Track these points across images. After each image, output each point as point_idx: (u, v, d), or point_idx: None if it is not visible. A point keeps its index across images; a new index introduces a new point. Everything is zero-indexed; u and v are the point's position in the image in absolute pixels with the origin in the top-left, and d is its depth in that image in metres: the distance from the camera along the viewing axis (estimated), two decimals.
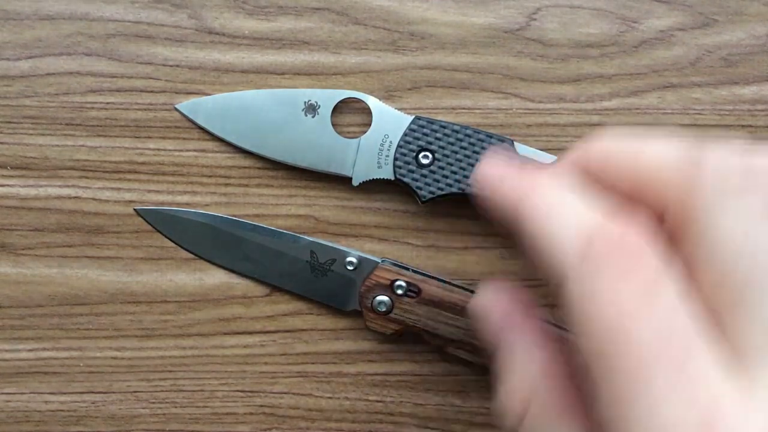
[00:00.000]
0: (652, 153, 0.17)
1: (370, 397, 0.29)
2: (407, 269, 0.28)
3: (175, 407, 0.29)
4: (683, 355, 0.14)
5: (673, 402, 0.14)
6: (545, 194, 0.17)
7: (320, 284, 0.29)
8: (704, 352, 0.14)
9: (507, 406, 0.19)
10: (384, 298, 0.27)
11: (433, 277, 0.28)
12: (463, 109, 0.30)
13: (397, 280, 0.27)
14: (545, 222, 0.17)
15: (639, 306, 0.15)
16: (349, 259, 0.28)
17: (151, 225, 0.29)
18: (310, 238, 0.29)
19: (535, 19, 0.30)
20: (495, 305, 0.21)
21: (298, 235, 0.29)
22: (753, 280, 0.15)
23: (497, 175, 0.19)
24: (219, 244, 0.29)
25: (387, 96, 0.30)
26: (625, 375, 0.14)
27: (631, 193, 0.17)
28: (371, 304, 0.28)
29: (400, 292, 0.27)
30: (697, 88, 0.30)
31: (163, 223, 0.29)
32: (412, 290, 0.27)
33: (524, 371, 0.19)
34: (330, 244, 0.29)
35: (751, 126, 0.30)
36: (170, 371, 0.29)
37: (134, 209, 0.29)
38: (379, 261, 0.28)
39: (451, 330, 0.27)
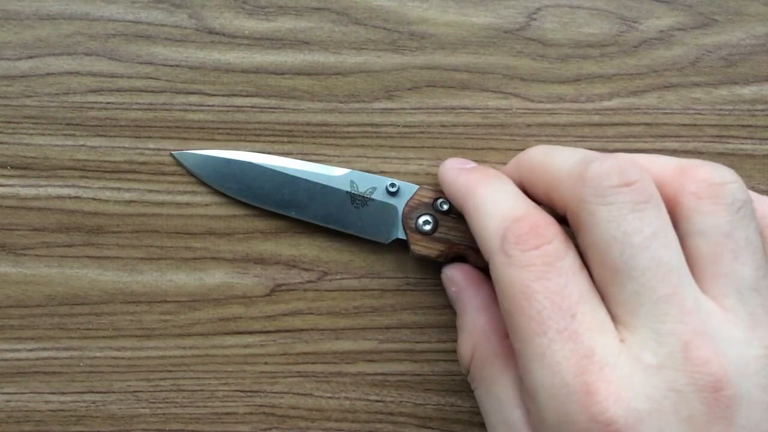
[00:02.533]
0: (554, 166, 0.22)
1: (370, 397, 0.29)
2: None
3: (175, 407, 0.29)
4: (570, 315, 0.19)
5: (560, 345, 0.19)
6: (483, 192, 0.23)
7: (361, 215, 0.28)
8: (587, 313, 0.20)
9: (460, 354, 0.26)
10: (428, 217, 0.27)
11: None
12: (463, 109, 0.30)
13: (439, 198, 0.27)
14: (480, 212, 0.23)
15: (540, 276, 0.20)
16: (390, 182, 0.28)
17: (188, 170, 0.29)
18: (349, 170, 0.29)
19: (535, 19, 0.30)
20: (455, 277, 0.27)
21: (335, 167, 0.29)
22: (622, 263, 0.19)
23: (456, 171, 0.26)
24: (258, 184, 0.29)
25: (387, 96, 0.30)
26: (527, 326, 0.20)
27: (546, 194, 0.23)
28: (415, 224, 0.27)
29: (445, 207, 0.27)
30: (697, 88, 0.30)
31: (202, 167, 0.29)
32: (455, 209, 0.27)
33: (471, 327, 0.25)
34: (369, 174, 0.29)
35: (751, 126, 0.30)
36: (170, 371, 0.29)
37: (171, 153, 0.29)
38: (418, 186, 0.28)
39: None
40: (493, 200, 0.22)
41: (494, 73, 0.30)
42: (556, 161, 0.22)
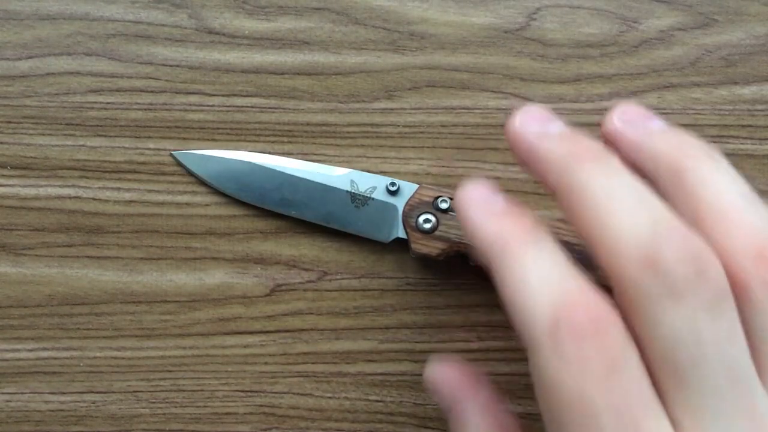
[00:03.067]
0: (613, 223, 0.18)
1: (370, 397, 0.29)
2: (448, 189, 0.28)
3: (175, 407, 0.29)
4: (634, 427, 0.16)
5: None
6: (524, 258, 0.18)
7: (361, 215, 0.28)
8: (651, 425, 0.17)
9: None
10: (428, 215, 0.27)
11: None
12: (463, 109, 0.30)
13: (440, 196, 0.27)
14: (521, 285, 0.18)
15: (601, 382, 0.16)
16: (391, 181, 0.28)
17: (188, 170, 0.29)
18: (349, 169, 0.29)
19: (535, 19, 0.30)
20: (444, 380, 0.23)
21: (335, 167, 0.29)
22: (691, 367, 0.17)
23: (484, 212, 0.20)
24: (258, 184, 0.29)
25: (387, 96, 0.30)
26: None
27: (588, 239, 0.18)
28: (415, 223, 0.27)
29: (444, 206, 0.27)
30: (697, 88, 0.30)
31: (202, 167, 0.29)
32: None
33: None
34: (369, 173, 0.29)
35: (751, 126, 0.30)
36: (170, 371, 0.29)
37: (171, 153, 0.29)
38: (418, 185, 0.28)
39: None
40: (538, 272, 0.18)
41: (494, 73, 0.30)
42: (617, 216, 0.18)
